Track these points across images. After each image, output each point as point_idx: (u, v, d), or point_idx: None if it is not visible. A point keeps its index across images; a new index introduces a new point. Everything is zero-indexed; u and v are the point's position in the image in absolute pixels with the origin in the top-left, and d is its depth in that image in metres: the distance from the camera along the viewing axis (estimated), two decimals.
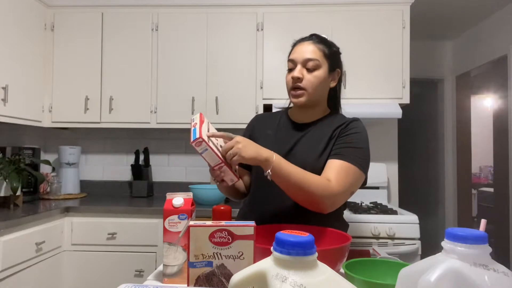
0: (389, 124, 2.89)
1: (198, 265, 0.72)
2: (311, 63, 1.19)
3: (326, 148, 1.18)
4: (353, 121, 1.23)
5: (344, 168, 1.10)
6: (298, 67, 1.20)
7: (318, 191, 1.05)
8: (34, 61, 2.50)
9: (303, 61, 1.19)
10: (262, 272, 0.50)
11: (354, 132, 1.19)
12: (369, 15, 2.56)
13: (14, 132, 2.66)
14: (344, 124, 1.21)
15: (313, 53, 1.20)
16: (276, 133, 1.28)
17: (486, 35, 3.39)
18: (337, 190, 1.07)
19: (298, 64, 1.20)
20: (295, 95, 1.21)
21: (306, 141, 1.22)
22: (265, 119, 1.38)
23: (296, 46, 1.25)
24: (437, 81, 4.06)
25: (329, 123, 1.24)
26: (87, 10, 2.64)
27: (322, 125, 1.25)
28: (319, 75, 1.20)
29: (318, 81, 1.20)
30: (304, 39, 1.26)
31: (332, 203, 1.09)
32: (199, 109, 2.58)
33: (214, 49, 2.60)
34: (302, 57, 1.20)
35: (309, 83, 1.19)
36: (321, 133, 1.22)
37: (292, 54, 1.24)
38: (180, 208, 0.87)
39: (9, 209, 2.14)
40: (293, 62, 1.21)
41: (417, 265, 0.53)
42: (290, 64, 1.23)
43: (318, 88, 1.20)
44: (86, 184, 2.91)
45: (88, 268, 2.24)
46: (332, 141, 1.19)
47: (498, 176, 3.55)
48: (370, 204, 2.57)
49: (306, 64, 1.19)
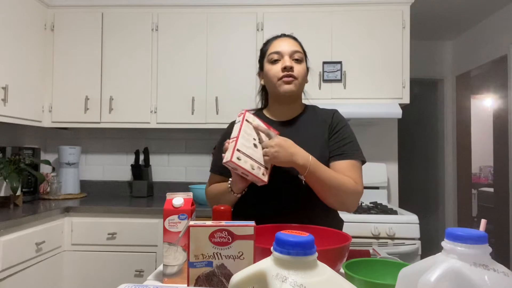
0: (389, 124, 2.89)
1: (198, 265, 0.72)
2: (298, 54, 1.21)
3: (324, 146, 1.21)
4: (335, 112, 1.28)
5: (355, 167, 1.18)
6: (286, 57, 1.20)
7: (349, 192, 1.12)
8: (34, 61, 2.50)
9: (290, 53, 1.20)
10: (262, 272, 0.50)
11: (343, 125, 1.24)
12: (369, 15, 2.56)
13: (14, 132, 2.66)
14: (332, 119, 1.25)
15: (298, 46, 1.23)
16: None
17: (486, 35, 3.39)
18: (361, 189, 1.16)
19: (285, 55, 1.20)
20: (287, 81, 1.19)
21: (300, 140, 1.20)
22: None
23: (273, 41, 1.25)
24: (437, 81, 4.06)
25: (313, 117, 1.27)
26: (87, 10, 2.64)
27: (307, 120, 1.26)
28: (304, 67, 1.23)
29: (304, 72, 1.23)
30: (279, 36, 1.26)
31: (357, 202, 1.18)
32: (199, 109, 2.58)
33: (214, 49, 2.60)
34: (289, 48, 1.21)
35: (299, 72, 1.20)
36: (312, 129, 1.23)
37: (275, 47, 1.23)
38: (180, 208, 0.87)
39: (9, 209, 2.14)
40: (280, 54, 1.21)
41: (417, 265, 0.53)
42: (275, 55, 1.21)
43: (304, 80, 1.24)
44: (86, 184, 2.91)
45: (88, 268, 2.24)
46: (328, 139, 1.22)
47: (498, 176, 3.55)
48: (370, 204, 2.57)
49: (293, 56, 1.20)
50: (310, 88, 2.56)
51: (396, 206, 2.64)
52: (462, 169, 3.84)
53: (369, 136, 2.88)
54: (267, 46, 1.27)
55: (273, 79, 1.21)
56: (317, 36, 2.57)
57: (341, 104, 2.52)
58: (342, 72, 2.54)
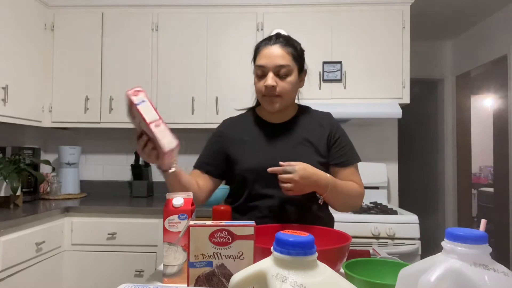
0: (389, 124, 2.89)
1: (198, 265, 0.72)
2: (284, 70, 1.14)
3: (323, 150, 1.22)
4: (331, 117, 1.29)
5: (356, 170, 1.24)
6: (270, 74, 1.14)
7: (358, 197, 1.21)
8: (34, 61, 2.50)
9: (274, 68, 1.14)
10: (262, 272, 0.50)
11: (341, 131, 1.26)
12: (369, 15, 2.56)
13: (14, 132, 2.66)
14: (331, 126, 1.25)
15: (283, 58, 1.14)
16: (254, 139, 1.23)
17: (486, 35, 3.39)
18: (364, 191, 1.24)
19: (269, 71, 1.14)
20: (270, 102, 1.16)
21: (298, 143, 1.21)
22: (235, 123, 1.30)
23: (262, 50, 1.17)
24: (437, 81, 4.06)
25: (308, 119, 1.26)
26: (87, 10, 2.64)
27: (302, 123, 1.25)
28: (291, 81, 1.16)
29: (291, 86, 1.17)
30: (269, 41, 1.18)
31: (361, 203, 1.26)
32: (199, 109, 2.58)
33: (214, 49, 2.60)
34: (273, 63, 1.13)
35: (283, 90, 1.15)
36: (308, 132, 1.23)
37: (260, 59, 1.16)
38: (180, 208, 0.87)
39: (9, 209, 2.14)
40: (263, 69, 1.15)
41: (417, 265, 0.53)
42: (259, 70, 1.16)
43: (291, 93, 1.19)
44: (86, 184, 2.91)
45: (88, 268, 2.24)
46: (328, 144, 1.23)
47: (498, 176, 3.55)
48: (370, 204, 2.57)
49: (278, 71, 1.14)
50: (310, 88, 2.57)
51: (396, 206, 2.64)
52: (462, 169, 3.84)
53: (369, 136, 2.87)
54: (256, 52, 1.21)
55: (258, 94, 1.20)
56: (317, 36, 2.57)
57: (341, 104, 2.52)
58: (342, 72, 2.54)
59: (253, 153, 1.20)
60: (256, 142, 1.23)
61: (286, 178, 1.02)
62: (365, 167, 2.74)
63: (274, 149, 1.20)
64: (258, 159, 1.18)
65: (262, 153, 1.19)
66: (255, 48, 1.23)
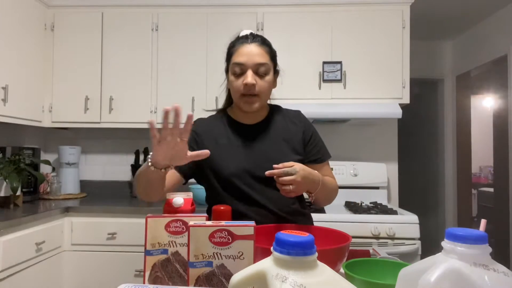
0: (389, 124, 2.89)
1: (198, 265, 0.72)
2: (263, 69, 1.13)
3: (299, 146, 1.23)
4: (300, 114, 1.30)
5: (329, 166, 1.30)
6: (249, 72, 1.12)
7: (336, 191, 1.26)
8: (34, 61, 2.50)
9: (254, 66, 1.12)
10: (262, 272, 0.50)
11: (313, 128, 1.29)
12: (369, 15, 2.56)
13: (14, 132, 2.66)
14: (305, 124, 1.27)
15: (262, 56, 1.14)
16: (232, 142, 1.20)
17: (486, 35, 3.39)
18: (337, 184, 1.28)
19: (248, 69, 1.12)
20: (249, 101, 1.14)
21: (274, 142, 1.21)
22: (209, 125, 1.25)
23: (239, 48, 1.16)
24: (437, 81, 4.06)
25: (281, 117, 1.27)
26: (87, 10, 2.64)
27: (277, 122, 1.25)
28: (269, 80, 1.16)
29: (269, 85, 1.17)
30: (246, 40, 1.17)
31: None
32: (199, 109, 2.58)
33: (214, 49, 2.60)
34: (252, 61, 1.12)
35: (262, 88, 1.14)
36: (284, 131, 1.23)
37: (238, 57, 1.14)
38: (180, 208, 0.87)
39: (9, 209, 2.14)
40: (242, 67, 1.13)
41: (417, 265, 0.53)
42: (237, 69, 1.14)
43: (268, 93, 1.19)
44: (86, 184, 2.91)
45: (88, 268, 2.24)
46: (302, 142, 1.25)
47: (498, 176, 3.55)
48: (370, 204, 2.57)
49: (257, 69, 1.13)
50: (310, 88, 2.58)
51: (396, 206, 2.64)
52: (462, 169, 3.84)
53: (369, 136, 2.87)
54: (232, 50, 1.18)
55: (235, 93, 1.16)
56: (317, 36, 2.57)
57: (341, 104, 2.52)
58: (342, 72, 2.54)
59: (233, 157, 1.17)
60: (234, 145, 1.19)
61: (289, 180, 0.98)
62: (365, 167, 2.75)
63: (254, 151, 1.18)
64: (239, 163, 1.16)
65: (242, 156, 1.17)
66: (230, 46, 1.21)
